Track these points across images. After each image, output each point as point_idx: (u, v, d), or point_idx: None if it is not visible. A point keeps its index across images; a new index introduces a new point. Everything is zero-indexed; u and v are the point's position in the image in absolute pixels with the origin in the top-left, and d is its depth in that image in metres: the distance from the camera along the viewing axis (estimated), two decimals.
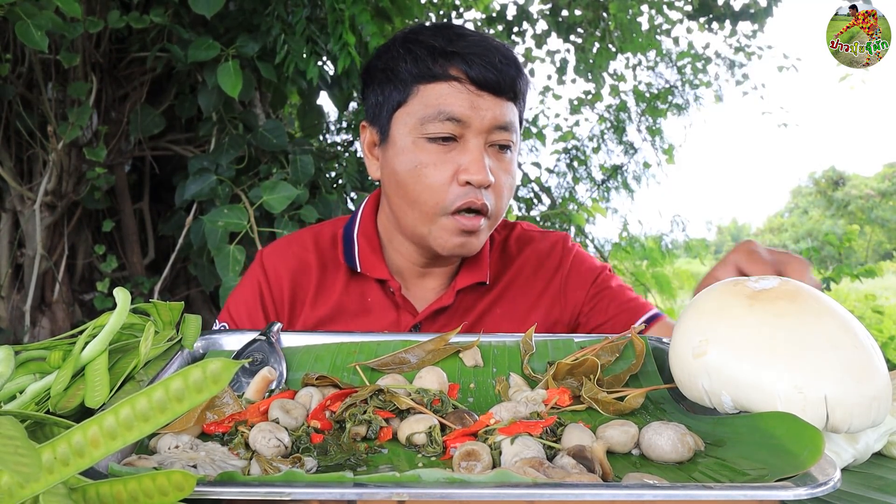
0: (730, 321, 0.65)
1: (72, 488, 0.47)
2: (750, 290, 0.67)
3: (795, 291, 0.65)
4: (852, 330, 0.63)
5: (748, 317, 0.64)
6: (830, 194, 15.71)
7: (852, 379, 0.60)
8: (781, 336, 0.62)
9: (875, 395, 0.60)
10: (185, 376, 0.48)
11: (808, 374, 0.60)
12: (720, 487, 0.50)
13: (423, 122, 1.04)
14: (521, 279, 1.21)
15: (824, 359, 0.60)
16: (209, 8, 2.12)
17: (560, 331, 1.19)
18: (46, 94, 2.38)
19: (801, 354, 0.61)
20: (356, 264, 1.17)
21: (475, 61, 1.03)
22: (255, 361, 0.82)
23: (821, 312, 0.63)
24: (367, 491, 0.49)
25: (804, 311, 0.63)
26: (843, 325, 0.63)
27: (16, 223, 2.55)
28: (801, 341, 0.61)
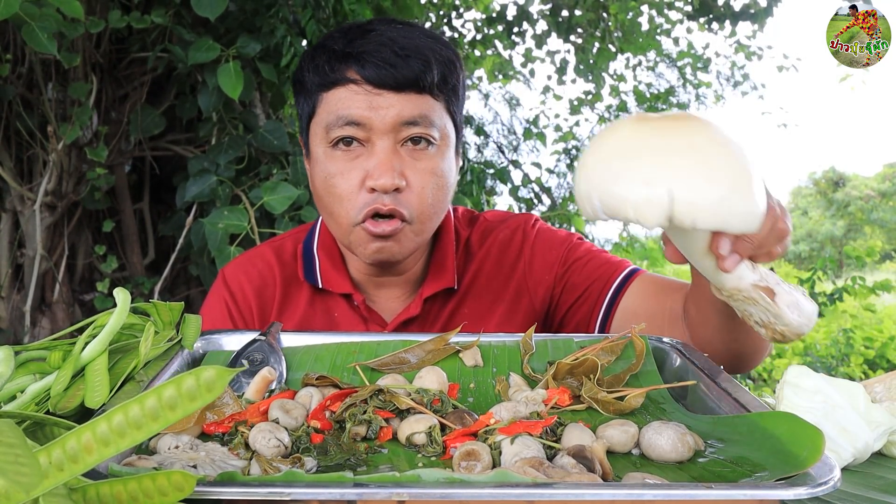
0: (611, 136, 0.65)
1: (72, 489, 0.47)
2: (647, 115, 0.67)
3: (686, 117, 0.65)
4: (727, 142, 0.62)
5: (629, 131, 0.64)
6: (830, 195, 15.71)
7: (704, 178, 0.60)
8: (651, 143, 0.62)
9: (724, 196, 0.60)
10: (179, 384, 0.48)
11: (660, 170, 0.60)
12: (720, 487, 0.50)
13: (327, 131, 1.01)
14: (483, 275, 1.16)
15: (682, 159, 0.61)
16: (212, 10, 2.12)
17: (535, 318, 1.15)
18: (46, 95, 2.38)
19: (662, 157, 0.61)
20: (317, 280, 1.13)
21: (367, 60, 0.99)
22: (255, 361, 0.82)
23: (699, 128, 0.63)
24: (367, 491, 0.49)
25: (683, 126, 0.63)
26: (716, 138, 0.62)
27: (16, 223, 2.55)
28: (667, 147, 0.61)
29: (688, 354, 0.82)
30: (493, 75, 4.59)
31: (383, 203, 0.99)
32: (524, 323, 1.14)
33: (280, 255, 1.18)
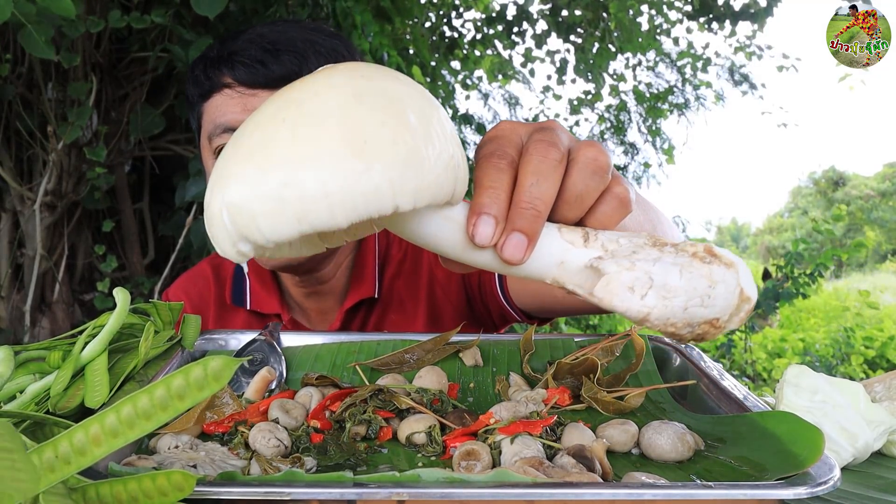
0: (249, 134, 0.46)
1: (71, 488, 0.47)
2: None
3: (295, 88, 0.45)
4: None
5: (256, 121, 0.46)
6: (830, 195, 15.72)
7: (256, 167, 0.42)
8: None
9: (285, 181, 0.40)
10: (187, 374, 0.48)
11: (224, 180, 0.43)
12: (720, 487, 0.50)
13: (210, 140, 0.99)
14: (402, 278, 1.13)
15: (247, 155, 0.43)
16: (211, 9, 2.12)
17: (459, 311, 1.10)
18: (46, 95, 2.37)
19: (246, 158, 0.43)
20: (246, 302, 1.11)
21: (237, 61, 0.95)
22: (254, 361, 0.82)
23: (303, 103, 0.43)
24: (366, 491, 0.49)
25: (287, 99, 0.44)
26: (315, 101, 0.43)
27: (16, 223, 2.54)
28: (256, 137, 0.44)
29: (688, 354, 0.82)
30: (493, 75, 4.59)
31: None
32: (455, 320, 1.10)
33: (218, 273, 1.17)
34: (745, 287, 0.46)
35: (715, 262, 0.45)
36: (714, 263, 0.45)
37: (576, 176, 0.48)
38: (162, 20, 2.24)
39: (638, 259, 0.46)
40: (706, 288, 0.45)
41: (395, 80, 0.45)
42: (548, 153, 0.47)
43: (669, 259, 0.45)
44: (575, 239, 0.47)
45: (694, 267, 0.45)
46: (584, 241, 0.47)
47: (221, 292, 1.16)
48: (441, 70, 3.87)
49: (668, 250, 0.46)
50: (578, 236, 0.48)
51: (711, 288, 0.45)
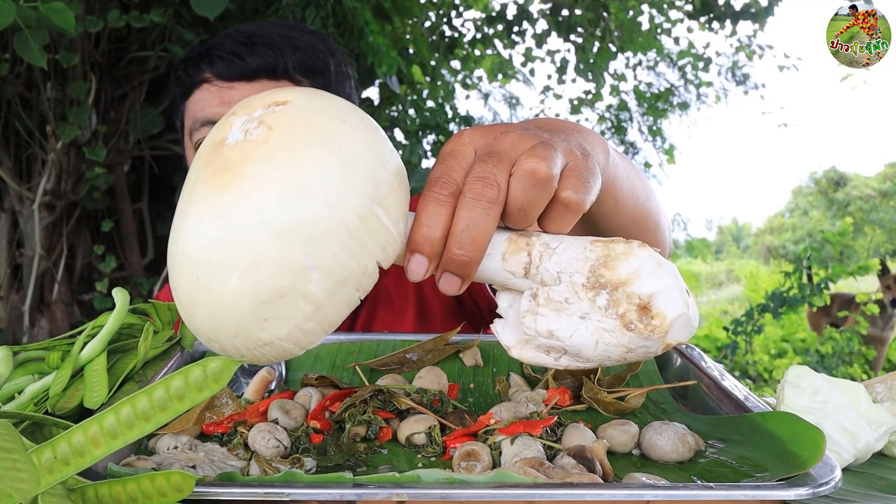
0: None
1: (70, 489, 0.47)
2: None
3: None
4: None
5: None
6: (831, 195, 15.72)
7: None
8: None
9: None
10: (186, 375, 0.48)
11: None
12: (721, 487, 0.50)
13: (191, 137, 1.01)
14: (391, 273, 1.10)
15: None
16: (211, 10, 2.11)
17: (448, 306, 1.10)
18: (45, 94, 2.37)
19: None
20: None
21: (214, 55, 0.97)
22: None
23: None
24: (366, 491, 0.49)
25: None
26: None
27: (14, 223, 2.54)
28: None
29: (688, 354, 0.81)
30: (493, 75, 4.59)
31: None
32: (443, 318, 1.10)
33: None
34: (669, 341, 0.47)
35: (638, 330, 0.46)
36: (635, 332, 0.46)
37: (516, 191, 0.48)
38: (161, 20, 2.24)
39: (565, 314, 0.47)
40: (621, 354, 0.47)
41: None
42: (483, 193, 0.47)
43: (595, 319, 0.46)
44: (515, 267, 0.49)
45: (614, 335, 0.46)
46: (524, 273, 0.48)
47: None
48: (441, 70, 3.87)
49: (599, 304, 0.46)
50: (520, 265, 0.49)
51: (627, 353, 0.47)
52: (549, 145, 0.49)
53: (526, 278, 0.49)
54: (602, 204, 0.67)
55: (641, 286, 0.46)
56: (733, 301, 9.43)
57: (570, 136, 0.55)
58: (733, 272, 12.41)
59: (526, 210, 0.49)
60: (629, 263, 0.46)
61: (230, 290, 0.44)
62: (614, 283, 0.46)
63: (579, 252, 0.48)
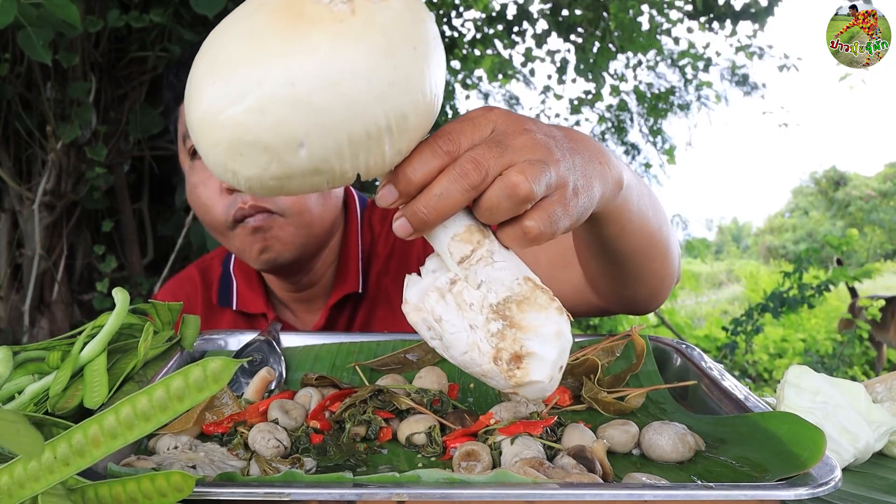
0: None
1: (70, 489, 0.47)
2: None
3: None
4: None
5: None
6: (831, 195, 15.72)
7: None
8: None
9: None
10: (186, 375, 0.48)
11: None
12: (721, 487, 0.50)
13: (184, 140, 1.02)
14: (392, 271, 1.13)
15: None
16: (211, 8, 2.11)
17: None
18: (45, 94, 2.37)
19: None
20: (232, 302, 1.12)
21: None
22: (254, 361, 0.82)
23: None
24: (366, 491, 0.49)
25: None
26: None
27: (14, 223, 2.54)
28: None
29: (688, 354, 0.81)
30: (493, 75, 4.59)
31: (243, 201, 0.97)
32: None
33: (205, 276, 1.18)
34: (518, 391, 0.51)
35: (500, 367, 0.50)
36: (498, 367, 0.50)
37: (493, 192, 0.50)
38: (161, 19, 2.24)
39: (461, 314, 0.51)
40: (477, 373, 0.51)
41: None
42: (469, 173, 0.50)
43: (478, 336, 0.51)
44: (456, 251, 0.52)
45: (482, 356, 0.50)
46: (459, 261, 0.52)
47: (208, 294, 1.16)
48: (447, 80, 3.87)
49: (491, 328, 0.50)
50: (461, 252, 0.52)
51: (482, 375, 0.51)
52: (546, 167, 0.51)
53: (458, 265, 0.52)
54: (606, 229, 0.69)
55: (529, 342, 0.50)
56: (733, 301, 9.43)
57: (583, 164, 0.56)
58: (733, 272, 12.42)
59: (491, 212, 0.51)
60: (537, 318, 0.50)
61: (229, 114, 0.46)
62: (513, 323, 0.50)
63: (509, 279, 0.52)
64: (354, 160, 0.48)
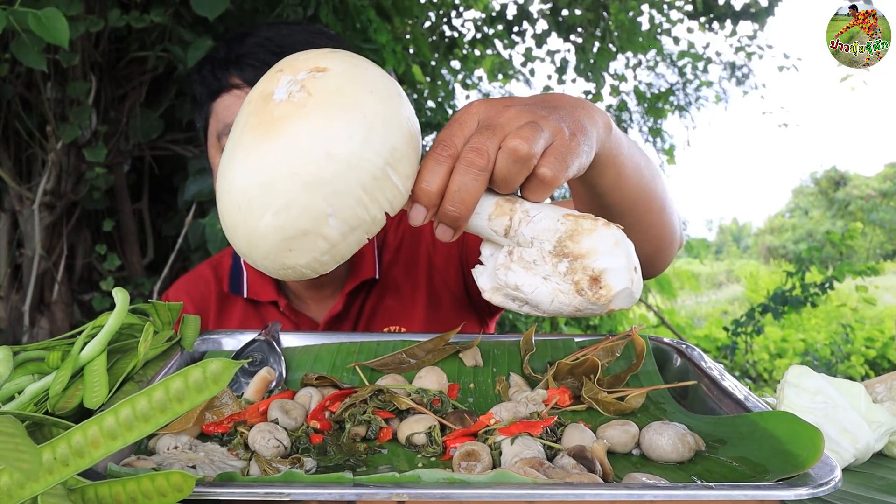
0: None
1: (70, 489, 0.47)
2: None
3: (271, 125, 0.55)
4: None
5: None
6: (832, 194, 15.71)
7: None
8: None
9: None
10: (186, 376, 0.48)
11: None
12: (721, 487, 0.50)
13: (219, 139, 1.03)
14: (402, 262, 1.16)
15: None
16: (211, 10, 2.11)
17: (458, 300, 1.12)
18: (45, 94, 2.37)
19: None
20: (243, 291, 1.14)
21: (245, 63, 1.00)
22: (254, 362, 0.82)
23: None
24: (366, 491, 0.49)
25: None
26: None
27: (14, 223, 2.54)
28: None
29: (688, 354, 0.81)
30: (493, 75, 4.59)
31: None
32: (450, 305, 1.14)
33: (217, 271, 1.20)
34: (612, 308, 0.56)
35: (587, 296, 0.55)
36: (584, 297, 0.55)
37: (500, 164, 0.56)
38: (161, 20, 2.24)
39: (531, 272, 0.57)
40: (571, 312, 0.57)
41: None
42: (474, 161, 0.56)
43: (554, 282, 0.56)
44: (498, 227, 0.58)
45: (567, 297, 0.56)
46: (504, 233, 0.58)
47: (220, 286, 1.18)
48: (441, 70, 3.87)
49: (560, 269, 0.56)
50: (502, 226, 0.58)
51: (576, 312, 0.57)
52: (537, 126, 0.57)
53: (505, 237, 0.58)
54: (603, 176, 0.72)
55: (596, 261, 0.55)
56: (733, 301, 9.43)
57: (568, 114, 0.61)
58: (733, 272, 12.42)
59: (507, 181, 0.57)
60: (590, 240, 0.55)
61: (264, 225, 0.54)
62: (575, 255, 0.55)
63: (552, 223, 0.57)
64: (375, 203, 0.55)
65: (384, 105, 0.56)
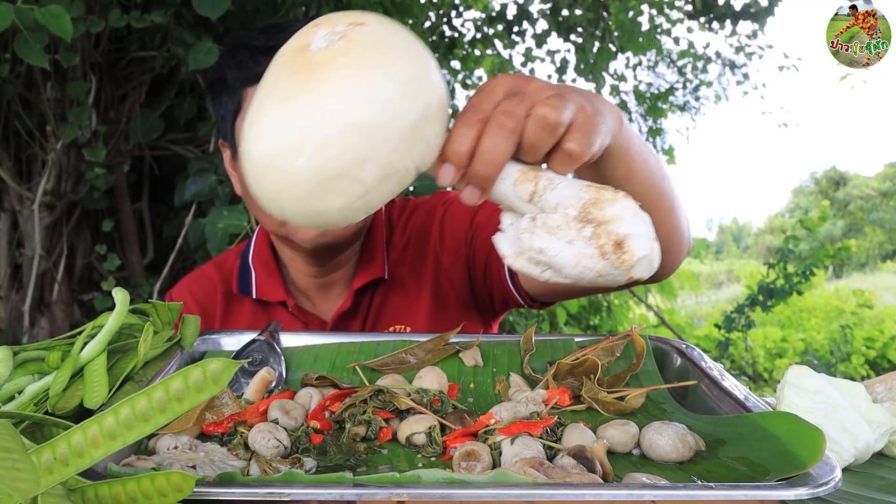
0: (268, 122, 0.56)
1: (70, 489, 0.47)
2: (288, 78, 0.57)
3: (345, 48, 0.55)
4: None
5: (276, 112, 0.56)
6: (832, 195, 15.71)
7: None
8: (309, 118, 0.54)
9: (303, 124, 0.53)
10: (186, 376, 0.48)
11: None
12: (721, 487, 0.50)
13: None
14: (407, 261, 1.17)
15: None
16: (213, 10, 2.11)
17: (462, 298, 1.14)
18: (45, 94, 2.37)
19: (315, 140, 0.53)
20: (252, 291, 1.14)
21: None
22: (254, 362, 0.82)
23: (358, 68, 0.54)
24: (366, 491, 0.49)
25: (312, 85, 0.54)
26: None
27: (14, 223, 2.54)
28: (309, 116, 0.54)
29: (688, 354, 0.81)
30: (493, 75, 4.59)
31: None
32: (454, 305, 1.15)
33: (222, 271, 1.20)
34: (632, 275, 0.57)
35: (610, 260, 0.56)
36: (608, 261, 0.56)
37: (529, 130, 0.57)
38: (162, 20, 2.24)
39: (555, 237, 0.57)
40: (593, 277, 0.57)
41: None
42: (505, 123, 0.57)
43: (579, 246, 0.56)
44: (522, 192, 0.59)
45: (591, 260, 0.56)
46: (529, 199, 0.59)
47: (227, 286, 1.18)
48: (441, 70, 3.87)
49: (584, 233, 0.57)
50: (527, 192, 0.58)
51: (598, 277, 0.57)
52: (563, 97, 0.58)
53: (529, 203, 0.58)
54: (615, 170, 0.73)
55: (620, 227, 0.56)
56: (733, 301, 9.42)
57: (586, 97, 0.63)
58: (733, 272, 12.41)
59: (535, 148, 0.58)
60: (613, 208, 0.56)
61: (300, 165, 0.53)
62: (599, 221, 0.56)
63: (575, 191, 0.57)
64: (411, 154, 0.55)
65: (422, 61, 0.57)
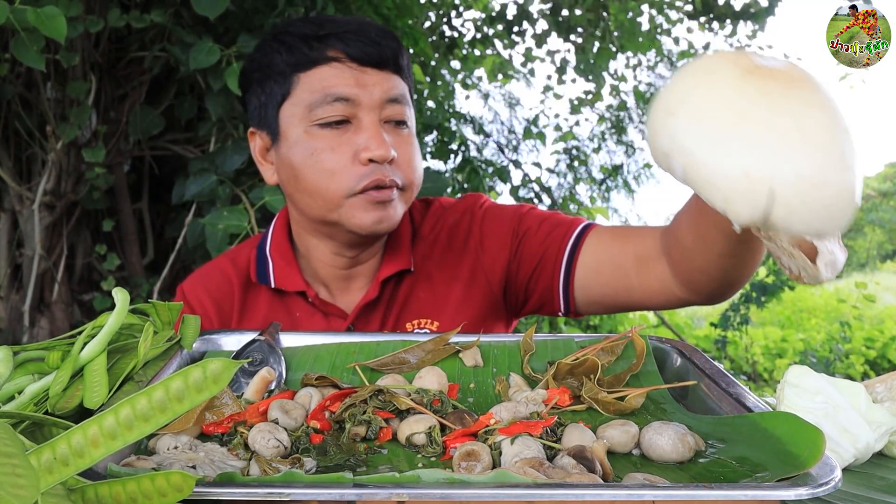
0: (711, 87, 0.57)
1: (70, 489, 0.47)
2: (751, 63, 0.58)
3: (798, 77, 0.57)
4: (836, 131, 0.55)
5: (732, 88, 0.57)
6: None
7: (809, 181, 0.54)
8: (755, 116, 0.55)
9: (829, 205, 0.55)
10: (186, 376, 0.48)
11: (765, 163, 0.54)
12: (721, 487, 0.50)
13: (311, 109, 1.02)
14: (436, 256, 1.17)
15: (791, 153, 0.54)
16: (212, 10, 2.11)
17: (493, 297, 1.14)
18: (45, 94, 2.37)
19: (766, 140, 0.54)
20: (270, 280, 1.13)
21: (351, 38, 1.01)
22: (254, 361, 0.82)
23: (811, 104, 0.56)
24: (366, 491, 0.49)
25: (793, 97, 0.56)
26: (827, 124, 0.55)
27: (14, 223, 2.54)
28: (773, 127, 0.54)
29: (688, 354, 0.81)
30: (493, 75, 4.59)
31: (384, 174, 1.01)
32: (483, 303, 1.14)
33: (236, 263, 1.18)
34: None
35: (799, 261, 0.64)
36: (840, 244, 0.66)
37: None
38: (161, 20, 2.24)
39: (827, 246, 0.64)
40: (842, 262, 0.65)
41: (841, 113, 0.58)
42: None
43: (835, 246, 0.65)
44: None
45: (840, 248, 0.66)
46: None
47: (243, 277, 1.17)
48: (441, 70, 3.87)
49: (828, 241, 0.64)
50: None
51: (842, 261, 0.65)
52: None
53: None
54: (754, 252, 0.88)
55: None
56: (733, 301, 9.41)
57: None
58: None
59: None
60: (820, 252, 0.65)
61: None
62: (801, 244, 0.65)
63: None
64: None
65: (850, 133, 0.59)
